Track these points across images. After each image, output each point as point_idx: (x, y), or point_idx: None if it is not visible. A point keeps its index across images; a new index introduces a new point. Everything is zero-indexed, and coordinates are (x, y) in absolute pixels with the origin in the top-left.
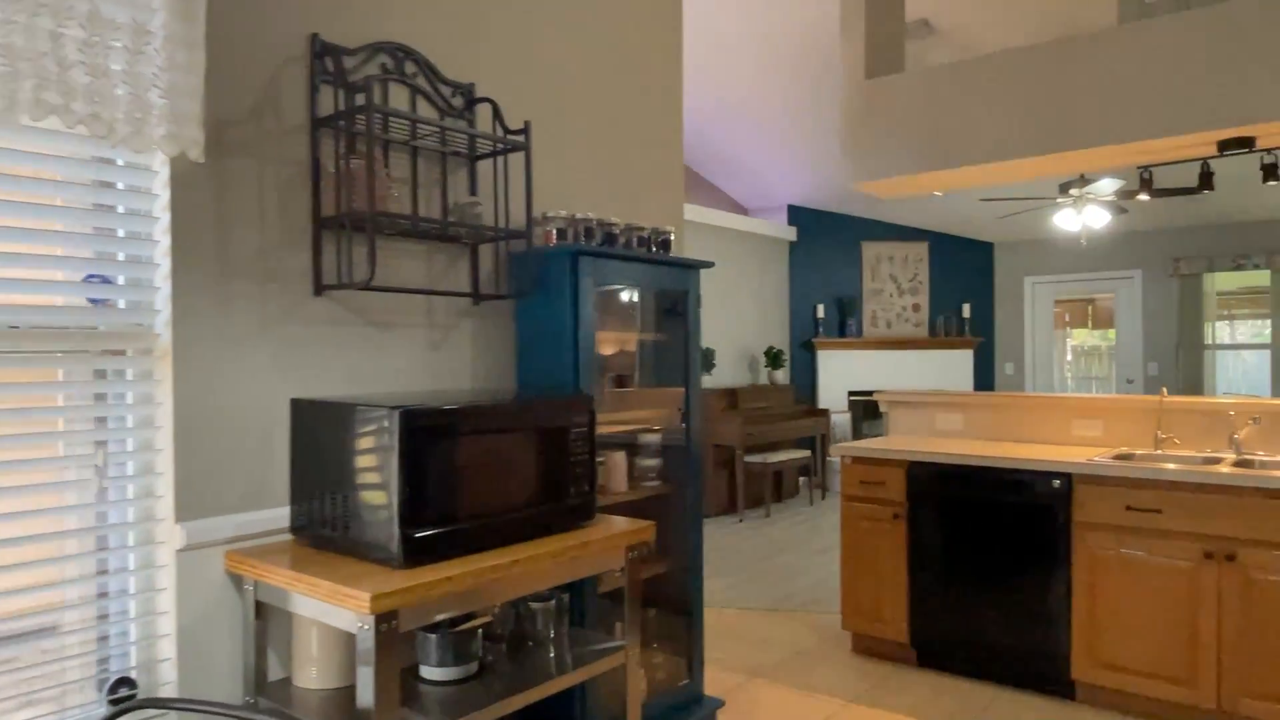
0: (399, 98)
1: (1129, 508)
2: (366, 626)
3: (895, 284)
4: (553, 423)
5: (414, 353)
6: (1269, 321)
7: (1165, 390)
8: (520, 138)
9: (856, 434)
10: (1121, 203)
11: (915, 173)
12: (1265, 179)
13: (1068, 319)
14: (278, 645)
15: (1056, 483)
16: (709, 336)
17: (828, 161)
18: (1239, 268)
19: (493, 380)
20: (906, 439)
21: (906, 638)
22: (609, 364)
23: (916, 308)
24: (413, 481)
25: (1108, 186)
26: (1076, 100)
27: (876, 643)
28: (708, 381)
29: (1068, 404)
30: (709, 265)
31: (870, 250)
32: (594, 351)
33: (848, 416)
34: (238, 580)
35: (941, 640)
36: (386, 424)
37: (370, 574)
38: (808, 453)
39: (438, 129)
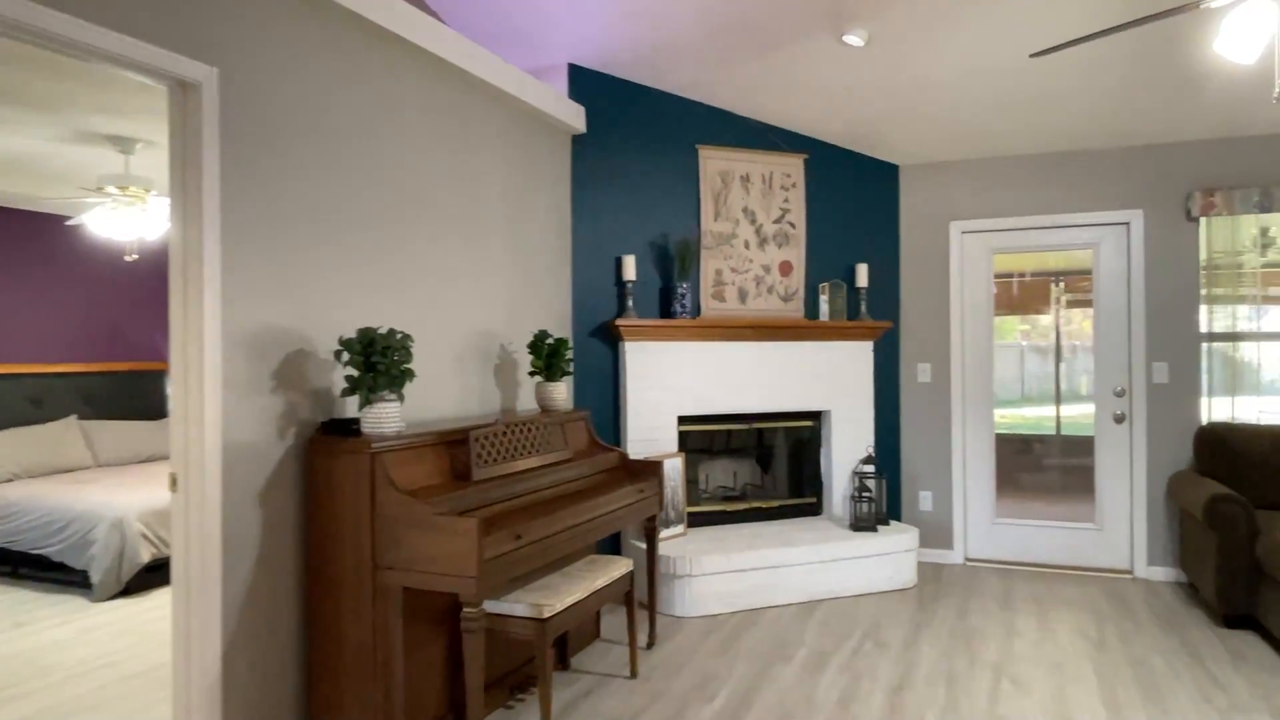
0: None
1: None
2: None
3: (753, 225)
4: None
5: None
6: None
7: None
8: None
9: (692, 495)
10: None
11: None
12: None
13: (1016, 291)
14: None
15: None
16: (397, 314)
17: None
18: None
19: None
20: None
21: None
22: None
23: (787, 268)
24: None
25: None
26: None
27: None
28: (377, 416)
29: None
30: None
31: (713, 161)
32: None
33: (678, 462)
34: None
35: None
36: None
37: None
38: (628, 566)
39: None
